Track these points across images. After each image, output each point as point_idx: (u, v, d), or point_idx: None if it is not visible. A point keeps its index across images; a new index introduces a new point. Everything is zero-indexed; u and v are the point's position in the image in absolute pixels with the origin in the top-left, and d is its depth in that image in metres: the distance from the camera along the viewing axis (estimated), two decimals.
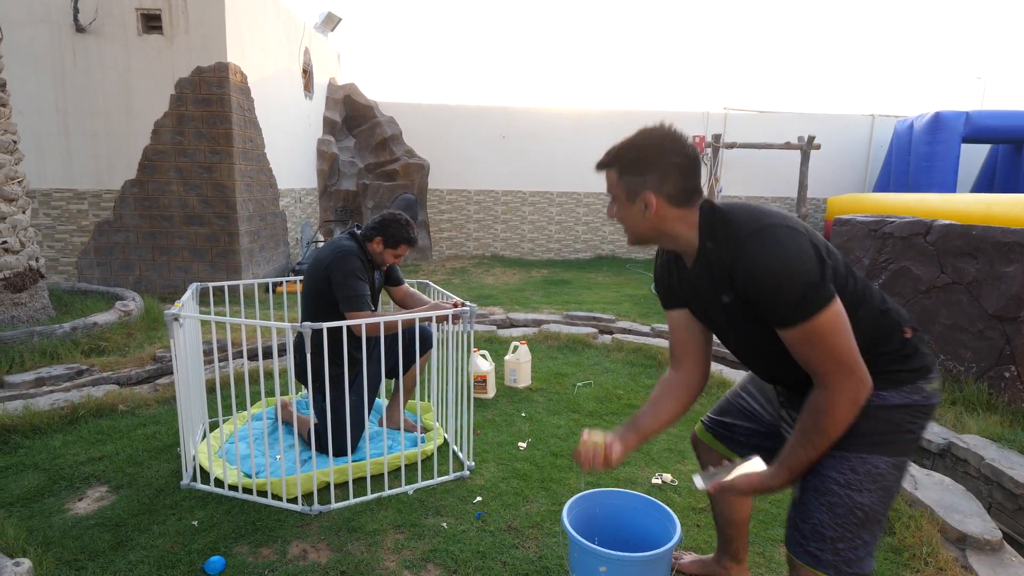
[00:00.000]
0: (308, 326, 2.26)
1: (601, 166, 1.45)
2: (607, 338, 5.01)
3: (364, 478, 2.64)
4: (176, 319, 2.43)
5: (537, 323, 5.45)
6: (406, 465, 2.74)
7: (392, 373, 2.97)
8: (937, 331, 3.84)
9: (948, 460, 3.16)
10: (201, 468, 2.69)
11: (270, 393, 3.65)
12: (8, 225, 4.47)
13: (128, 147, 6.26)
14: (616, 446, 1.50)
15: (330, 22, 9.26)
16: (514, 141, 10.69)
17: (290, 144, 7.95)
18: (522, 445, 3.05)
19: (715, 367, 4.21)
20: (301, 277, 3.32)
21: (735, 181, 10.98)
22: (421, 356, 2.90)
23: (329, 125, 9.52)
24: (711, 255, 1.32)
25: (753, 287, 1.23)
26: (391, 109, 10.28)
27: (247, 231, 6.61)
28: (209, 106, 6.16)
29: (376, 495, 2.52)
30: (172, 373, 3.98)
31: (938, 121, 9.52)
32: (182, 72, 6.10)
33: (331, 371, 2.63)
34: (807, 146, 10.20)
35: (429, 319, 2.66)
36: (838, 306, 1.21)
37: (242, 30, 6.43)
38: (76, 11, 5.96)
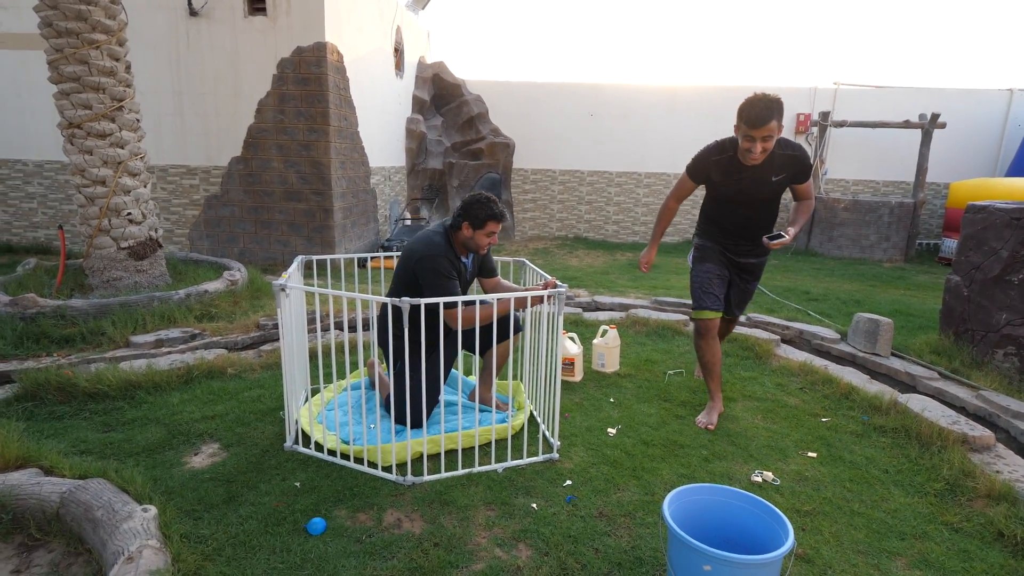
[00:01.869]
0: (407, 301, 2.27)
1: (769, 119, 2.63)
2: None
3: (454, 451, 2.65)
4: (283, 289, 2.52)
5: (624, 307, 5.29)
6: (494, 442, 2.72)
7: (473, 348, 2.93)
8: None
9: None
10: (302, 432, 2.80)
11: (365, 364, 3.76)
12: (132, 198, 4.86)
13: (234, 125, 6.64)
14: (651, 254, 3.37)
15: (421, 0, 9.33)
16: (602, 120, 10.40)
17: (381, 123, 8.14)
18: (611, 431, 2.96)
19: (818, 362, 3.89)
20: (390, 254, 3.40)
21: (844, 162, 10.14)
22: (512, 336, 2.85)
23: (418, 103, 9.67)
24: (783, 156, 2.87)
25: (804, 166, 2.92)
26: (478, 87, 10.29)
27: (341, 207, 6.85)
28: (308, 85, 6.39)
29: (467, 471, 2.52)
30: (275, 340, 4.21)
31: None
32: (284, 52, 6.36)
33: (410, 345, 2.65)
34: (929, 124, 9.21)
35: (522, 305, 2.61)
36: None
37: (339, 10, 6.60)
38: None
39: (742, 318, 4.61)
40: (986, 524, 2.26)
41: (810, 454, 2.80)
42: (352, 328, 4.36)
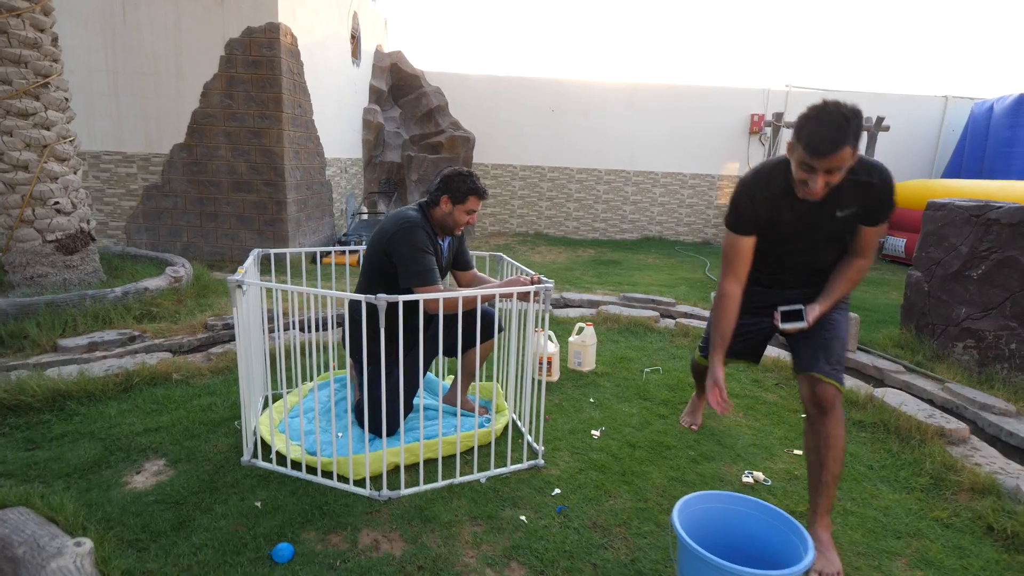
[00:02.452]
0: (384, 298, 2.06)
1: (840, 145, 1.74)
2: (669, 322, 4.73)
3: (433, 461, 2.46)
4: (239, 286, 2.26)
5: (593, 304, 5.19)
6: (474, 449, 2.55)
7: (453, 350, 2.75)
8: None
9: None
10: (262, 443, 2.54)
11: (328, 366, 3.50)
12: (60, 186, 4.39)
13: (177, 110, 6.16)
14: (719, 376, 2.11)
15: None
16: (563, 116, 10.32)
17: (337, 112, 7.78)
18: (595, 434, 2.83)
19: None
20: (348, 248, 3.16)
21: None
22: (483, 343, 2.66)
23: (375, 94, 9.31)
24: (854, 183, 1.93)
25: (881, 200, 1.96)
26: (438, 79, 10.01)
27: (295, 200, 6.48)
28: (259, 69, 5.99)
29: (447, 482, 2.33)
30: (225, 342, 3.88)
31: (1022, 103, 8.80)
32: (232, 32, 5.94)
33: (386, 346, 2.44)
34: (875, 128, 9.56)
35: (503, 298, 2.44)
36: None
37: None
38: None
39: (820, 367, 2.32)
40: (975, 518, 2.25)
41: (796, 451, 2.76)
42: (317, 327, 4.08)
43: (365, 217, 8.33)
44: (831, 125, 1.71)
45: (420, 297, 2.15)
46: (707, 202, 10.71)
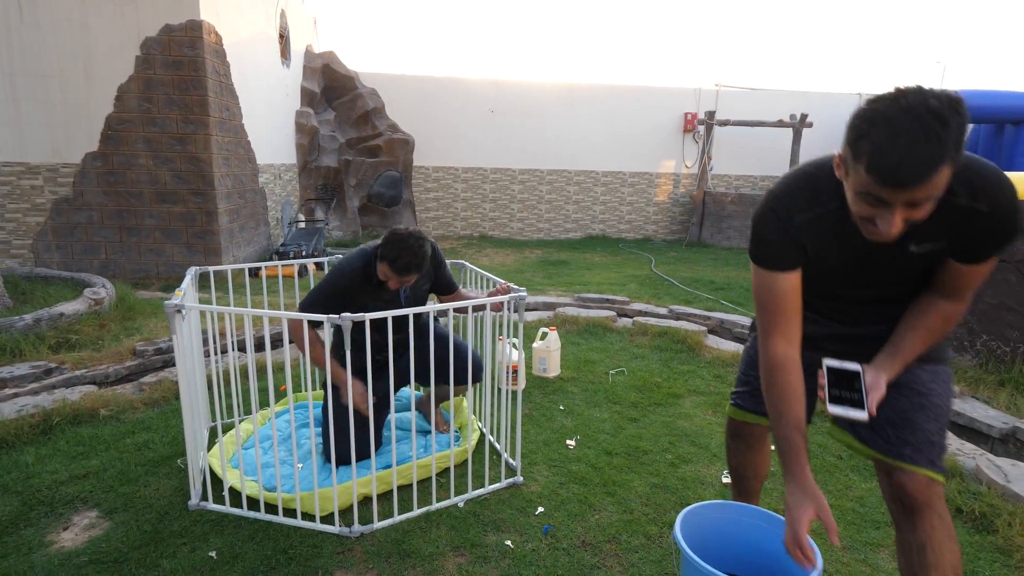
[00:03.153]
0: (348, 317, 1.88)
1: (932, 168, 1.03)
2: (627, 321, 4.74)
3: (405, 488, 2.29)
4: (179, 311, 2.02)
5: (549, 306, 5.13)
6: (446, 470, 2.40)
7: (426, 381, 2.56)
8: (981, 310, 3.67)
9: (1012, 445, 2.99)
10: (212, 481, 2.29)
11: (284, 390, 3.24)
12: None
13: (88, 115, 5.62)
14: (800, 529, 1.32)
15: None
16: (503, 116, 10.25)
17: (268, 115, 7.36)
18: (571, 443, 2.74)
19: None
20: (285, 262, 2.95)
21: (726, 159, 10.81)
22: (458, 386, 2.51)
23: (307, 96, 8.90)
24: (944, 206, 1.21)
25: (993, 232, 1.23)
26: (373, 80, 9.70)
27: (226, 209, 6.06)
28: (180, 69, 5.55)
29: (423, 510, 2.17)
30: (158, 369, 3.54)
31: None
32: (149, 31, 5.47)
33: (353, 368, 2.26)
34: (799, 124, 10.07)
35: (475, 309, 2.31)
36: None
37: None
38: None
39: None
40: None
41: (772, 448, 2.77)
42: (262, 347, 3.79)
43: (303, 225, 7.94)
44: (916, 136, 1.01)
45: (389, 314, 1.98)
46: (646, 199, 10.93)
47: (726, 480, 2.47)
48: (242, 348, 3.80)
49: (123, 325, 4.13)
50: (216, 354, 2.49)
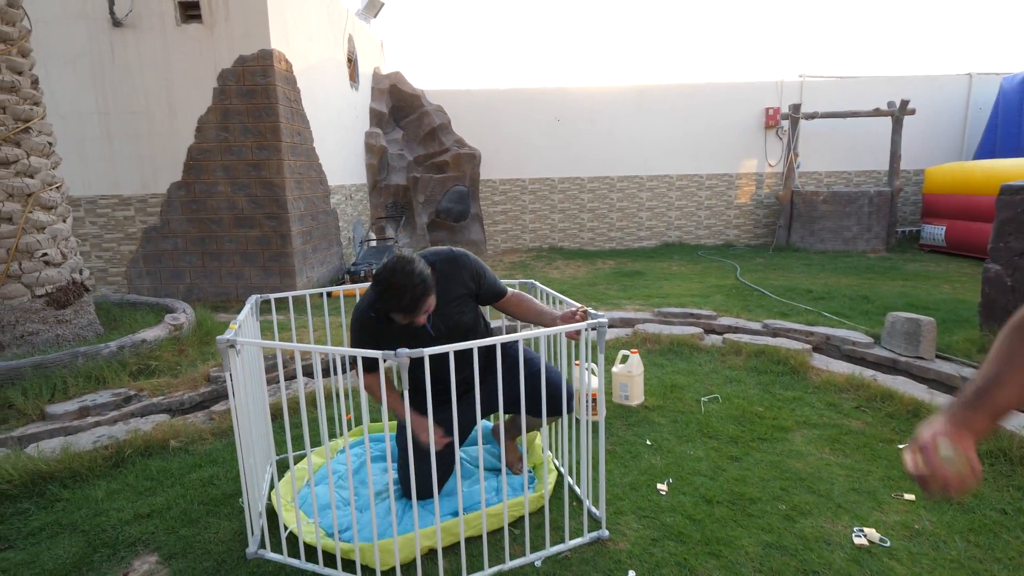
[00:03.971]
0: (406, 353, 1.66)
1: None
2: (716, 339, 4.29)
3: (475, 539, 2.04)
4: (232, 346, 1.87)
5: (627, 323, 4.77)
6: (519, 519, 2.13)
7: (511, 407, 2.28)
8: None
9: None
10: (270, 521, 2.14)
11: (352, 419, 3.10)
12: (48, 236, 4.08)
13: (172, 147, 5.88)
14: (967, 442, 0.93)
15: (373, 8, 8.74)
16: (569, 124, 9.97)
17: (338, 138, 7.48)
18: (662, 488, 2.39)
19: (867, 373, 3.45)
20: (354, 284, 2.77)
21: (815, 155, 9.97)
22: (564, 414, 2.19)
23: (376, 117, 9.03)
24: None
25: None
26: (438, 97, 9.72)
27: (299, 232, 6.15)
28: (254, 98, 5.70)
29: (495, 569, 1.91)
30: (227, 397, 3.51)
31: None
32: (224, 63, 5.66)
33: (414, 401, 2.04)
34: (900, 112, 9.11)
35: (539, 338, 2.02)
36: None
37: (285, 15, 5.94)
38: (112, 3, 5.57)
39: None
40: None
41: (906, 496, 2.30)
42: (331, 371, 3.70)
43: (374, 244, 7.99)
44: None
45: (451, 349, 1.74)
46: (726, 203, 10.27)
47: (859, 540, 2.03)
48: (308, 373, 3.71)
49: (200, 350, 4.18)
50: (282, 380, 2.37)
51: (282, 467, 2.65)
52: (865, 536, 2.05)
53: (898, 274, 7.07)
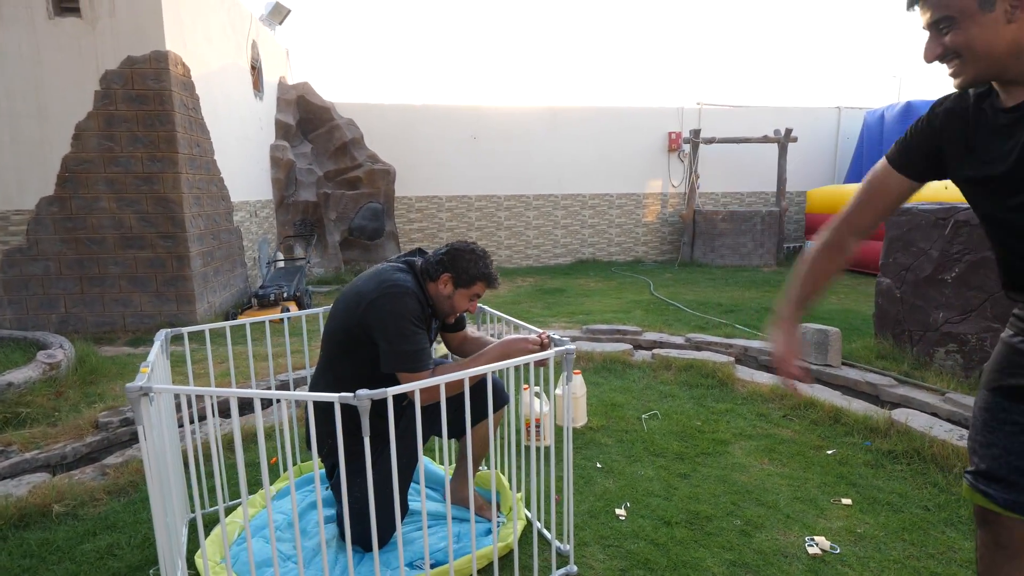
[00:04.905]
0: (366, 395, 1.48)
1: None
2: (645, 354, 4.38)
3: None
4: (145, 394, 1.59)
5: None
6: (487, 566, 1.98)
7: (439, 432, 2.18)
8: None
9: None
10: None
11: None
12: None
13: (42, 157, 5.14)
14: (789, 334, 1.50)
15: (278, 14, 8.27)
16: (486, 143, 9.99)
17: (242, 150, 6.94)
18: (621, 513, 2.35)
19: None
20: (272, 316, 2.54)
21: (712, 177, 10.69)
22: (492, 413, 2.11)
23: (282, 129, 8.52)
24: None
25: None
26: (350, 111, 9.37)
27: (199, 252, 5.59)
28: (146, 104, 5.13)
29: None
30: (124, 444, 3.05)
31: (910, 110, 9.51)
32: (109, 63, 5.06)
33: (351, 445, 1.83)
34: (784, 139, 10.01)
35: (520, 352, 1.92)
36: None
37: (181, 14, 5.44)
38: None
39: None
40: None
41: (844, 501, 2.42)
42: (245, 410, 3.32)
43: (282, 264, 7.46)
44: None
45: (415, 387, 1.59)
46: (635, 221, 10.73)
47: (812, 549, 2.09)
48: (225, 413, 3.33)
49: (83, 391, 3.63)
50: (194, 422, 2.06)
51: (192, 530, 2.31)
52: (817, 545, 2.12)
53: None
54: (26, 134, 5.10)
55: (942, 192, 7.39)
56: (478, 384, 2.03)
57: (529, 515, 2.28)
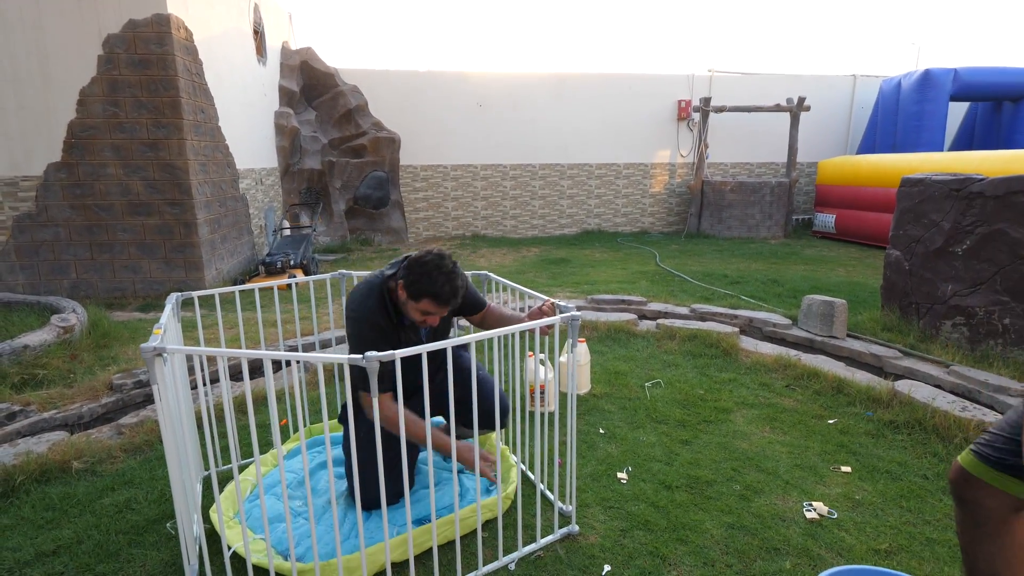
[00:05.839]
0: (374, 356, 1.51)
1: None
2: (649, 324, 4.41)
3: (447, 546, 1.93)
4: (160, 354, 1.63)
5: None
6: (490, 521, 2.05)
7: (447, 417, 2.24)
8: None
9: None
10: (210, 544, 1.90)
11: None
12: None
13: (48, 123, 5.13)
14: None
15: None
16: (492, 111, 9.85)
17: (246, 117, 6.89)
18: (623, 477, 2.40)
19: (791, 353, 3.67)
20: (279, 281, 2.57)
21: (722, 146, 10.54)
22: (484, 431, 2.14)
23: (286, 95, 8.43)
24: None
25: None
26: (354, 77, 9.24)
27: (206, 219, 5.61)
28: (148, 69, 5.08)
29: None
30: (139, 407, 3.12)
31: (927, 79, 9.29)
32: (111, 27, 4.99)
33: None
34: (797, 108, 9.82)
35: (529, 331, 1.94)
36: None
37: None
38: None
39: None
40: None
41: (843, 468, 2.46)
42: (255, 372, 3.39)
43: (288, 232, 7.48)
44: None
45: (424, 350, 1.61)
46: (642, 191, 10.63)
47: (810, 514, 2.14)
48: (236, 377, 3.39)
49: (97, 355, 3.70)
50: (206, 384, 2.11)
51: (207, 487, 2.39)
52: (815, 510, 2.17)
53: (799, 259, 7.65)
54: (31, 100, 5.08)
55: (957, 161, 7.29)
56: (482, 393, 2.10)
57: (533, 477, 2.34)
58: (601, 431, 2.81)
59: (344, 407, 2.15)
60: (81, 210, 5.31)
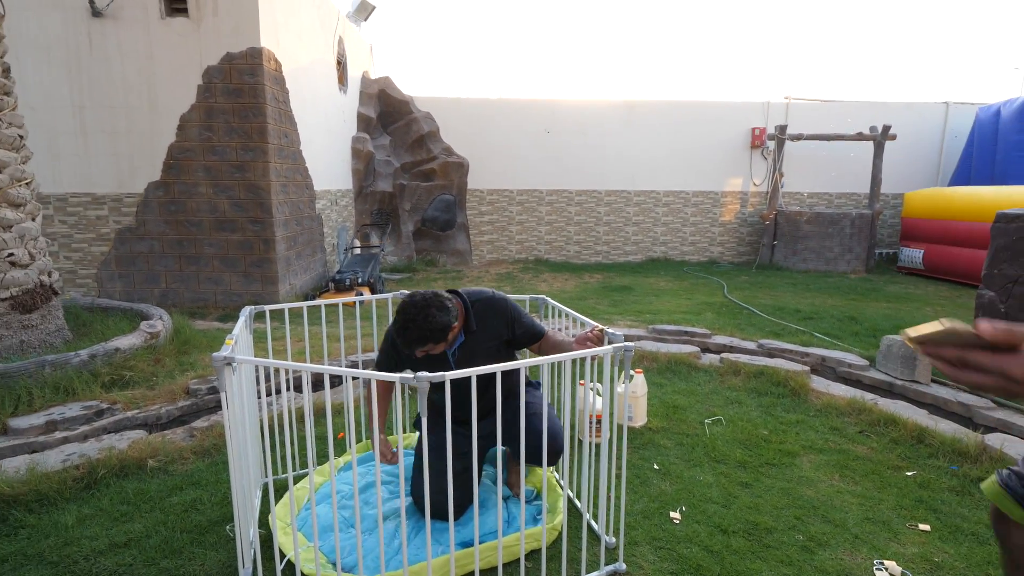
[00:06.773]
0: (425, 377, 1.54)
1: None
2: (713, 358, 4.24)
3: (489, 571, 1.91)
4: (229, 363, 1.72)
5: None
6: (534, 551, 2.01)
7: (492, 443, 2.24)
8: None
9: None
10: (263, 548, 1.97)
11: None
12: (14, 235, 3.83)
13: (151, 145, 5.64)
14: None
15: (364, 10, 8.61)
16: (559, 137, 9.96)
17: (326, 141, 7.30)
18: (675, 517, 2.30)
19: (867, 396, 3.42)
20: (345, 299, 2.65)
21: (798, 176, 10.13)
22: (544, 465, 2.12)
23: (363, 121, 8.87)
24: None
25: None
26: (428, 104, 9.61)
27: (283, 237, 5.95)
28: (241, 97, 5.51)
29: None
30: (211, 410, 3.31)
31: None
32: (210, 59, 5.47)
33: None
34: (881, 136, 9.32)
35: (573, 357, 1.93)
36: None
37: (276, 13, 5.78)
38: None
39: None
40: None
41: (922, 527, 2.25)
42: (317, 386, 3.52)
43: (358, 251, 7.80)
44: None
45: (473, 372, 1.63)
46: (711, 220, 10.35)
47: (880, 573, 1.97)
48: (300, 388, 3.54)
49: (178, 360, 3.97)
50: (270, 394, 2.22)
51: (266, 492, 2.49)
52: (887, 570, 1.99)
53: (880, 295, 7.17)
54: (140, 125, 5.61)
55: None
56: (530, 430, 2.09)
57: (579, 505, 2.29)
58: (655, 467, 2.71)
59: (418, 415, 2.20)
60: (174, 225, 5.77)
